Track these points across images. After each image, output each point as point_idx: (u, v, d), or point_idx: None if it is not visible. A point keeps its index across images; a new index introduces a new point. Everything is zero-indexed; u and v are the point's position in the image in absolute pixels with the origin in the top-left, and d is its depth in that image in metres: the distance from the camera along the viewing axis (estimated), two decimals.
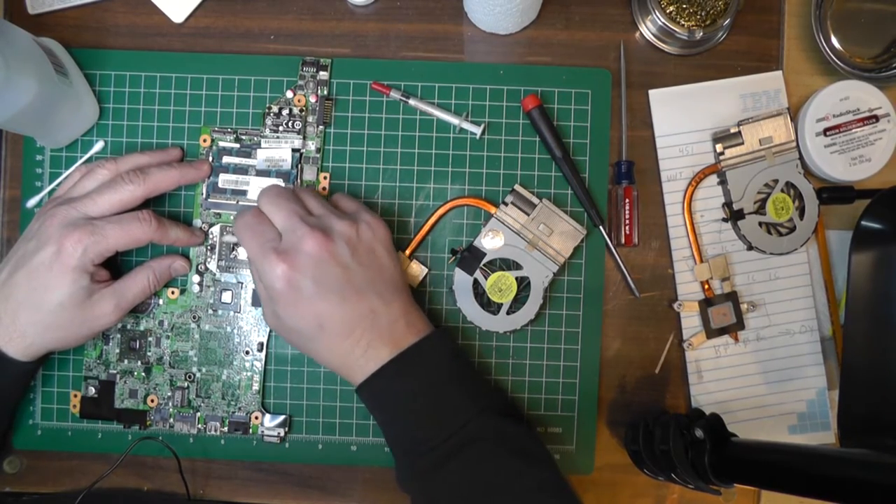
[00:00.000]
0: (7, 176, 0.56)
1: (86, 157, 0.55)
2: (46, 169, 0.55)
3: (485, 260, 0.53)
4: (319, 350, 0.47)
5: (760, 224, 0.54)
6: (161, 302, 0.54)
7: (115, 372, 0.54)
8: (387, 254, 0.49)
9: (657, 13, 0.54)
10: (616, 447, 0.56)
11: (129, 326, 0.54)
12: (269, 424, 0.54)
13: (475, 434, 0.45)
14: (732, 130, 0.54)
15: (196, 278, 0.54)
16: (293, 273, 0.45)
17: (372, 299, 0.46)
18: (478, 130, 0.54)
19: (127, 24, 0.56)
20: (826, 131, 0.54)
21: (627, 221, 0.54)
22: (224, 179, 0.54)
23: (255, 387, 0.54)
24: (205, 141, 0.55)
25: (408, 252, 0.54)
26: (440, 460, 0.45)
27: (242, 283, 0.55)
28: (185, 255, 0.54)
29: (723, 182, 0.55)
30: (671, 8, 0.54)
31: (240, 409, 0.54)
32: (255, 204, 0.49)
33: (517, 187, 0.53)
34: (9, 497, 0.55)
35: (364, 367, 0.46)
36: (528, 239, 0.53)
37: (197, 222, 0.54)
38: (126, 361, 0.54)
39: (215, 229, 0.55)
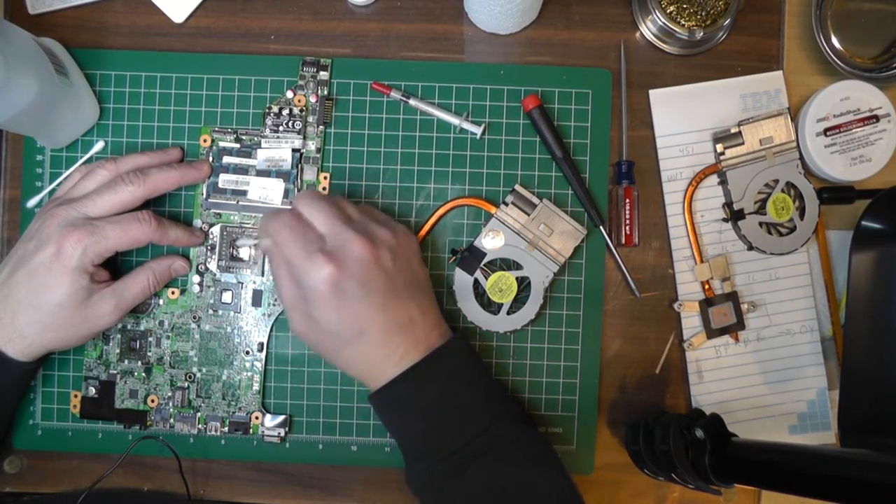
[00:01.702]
0: (7, 176, 0.56)
1: (86, 157, 0.55)
2: (46, 169, 0.55)
3: (485, 260, 0.53)
4: (352, 356, 0.46)
5: (761, 224, 0.54)
6: (161, 302, 0.54)
7: (115, 372, 0.54)
8: (420, 264, 0.49)
9: (657, 13, 0.54)
10: (616, 447, 0.56)
11: (129, 327, 0.54)
12: (270, 424, 0.54)
13: (493, 441, 0.45)
14: (733, 130, 0.54)
15: (196, 278, 0.54)
16: (340, 276, 0.44)
17: (411, 308, 0.46)
18: (478, 130, 0.54)
19: (127, 24, 0.56)
20: (826, 131, 0.54)
21: (628, 221, 0.54)
22: (224, 179, 0.54)
23: (256, 387, 0.54)
24: (205, 141, 0.55)
25: None
26: (458, 466, 0.45)
27: (242, 284, 0.55)
28: (186, 256, 0.54)
29: (723, 182, 0.55)
30: (671, 8, 0.54)
31: (240, 409, 0.54)
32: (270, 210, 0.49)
33: (517, 187, 0.53)
34: (9, 497, 0.55)
35: (390, 373, 0.46)
36: (528, 239, 0.53)
37: (197, 222, 0.54)
38: (126, 361, 0.54)
39: (215, 229, 0.55)
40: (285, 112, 0.55)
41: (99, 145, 0.55)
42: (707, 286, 0.55)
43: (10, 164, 0.56)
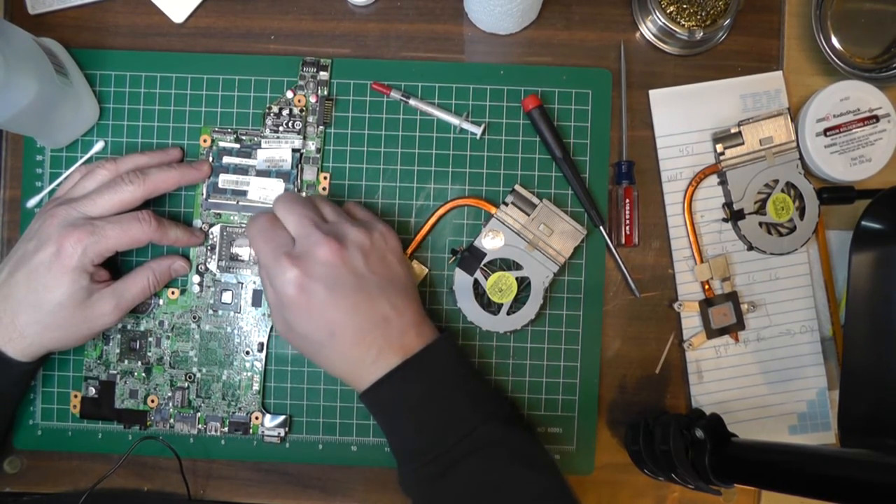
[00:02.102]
0: (7, 176, 0.56)
1: (86, 157, 0.55)
2: (47, 169, 0.55)
3: (485, 260, 0.53)
4: (330, 357, 0.47)
5: (761, 224, 0.54)
6: (161, 302, 0.54)
7: (115, 372, 0.54)
8: (398, 263, 0.49)
9: (657, 13, 0.54)
10: (616, 447, 0.56)
11: (129, 327, 0.54)
12: (270, 425, 0.54)
13: (480, 441, 0.45)
14: (733, 130, 0.54)
15: (196, 278, 0.54)
16: (305, 279, 0.44)
17: (384, 307, 0.46)
18: (478, 130, 0.54)
19: (127, 24, 0.56)
20: (826, 131, 0.54)
21: (628, 221, 0.54)
22: (224, 180, 0.54)
23: (256, 387, 0.54)
24: (205, 141, 0.55)
25: (408, 252, 0.54)
26: (446, 467, 0.45)
27: (242, 284, 0.55)
28: (186, 256, 0.54)
29: (723, 182, 0.55)
30: (671, 8, 0.54)
31: (240, 409, 0.54)
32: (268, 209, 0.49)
33: (517, 187, 0.53)
34: (9, 497, 0.55)
35: (373, 374, 0.46)
36: (528, 239, 0.53)
37: (197, 222, 0.54)
38: (126, 362, 0.54)
39: (215, 229, 0.55)
40: (285, 112, 0.55)
41: (99, 145, 0.55)
42: (707, 286, 0.55)
43: (10, 164, 0.56)
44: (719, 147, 0.54)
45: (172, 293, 0.54)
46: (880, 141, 0.54)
